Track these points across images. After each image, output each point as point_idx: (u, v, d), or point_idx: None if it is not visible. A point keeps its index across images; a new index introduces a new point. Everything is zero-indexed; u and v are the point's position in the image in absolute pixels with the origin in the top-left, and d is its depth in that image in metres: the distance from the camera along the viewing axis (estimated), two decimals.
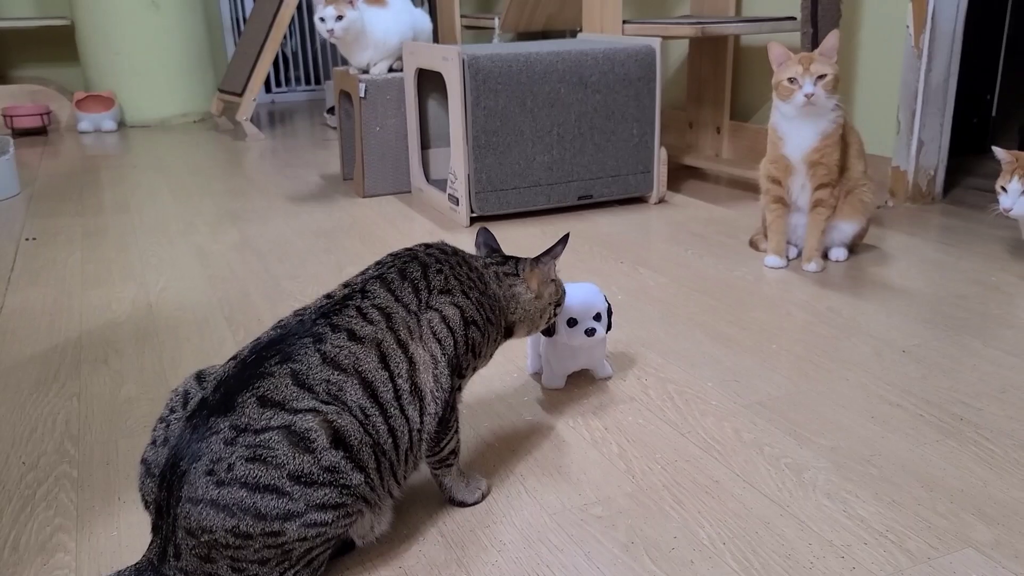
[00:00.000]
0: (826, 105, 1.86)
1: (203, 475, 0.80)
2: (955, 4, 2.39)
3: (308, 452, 0.83)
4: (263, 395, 0.84)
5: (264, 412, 0.83)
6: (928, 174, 2.54)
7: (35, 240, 2.39)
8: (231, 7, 5.26)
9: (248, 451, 0.81)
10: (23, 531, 1.08)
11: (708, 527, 1.05)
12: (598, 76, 2.44)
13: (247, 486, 0.80)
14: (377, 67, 2.83)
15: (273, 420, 0.83)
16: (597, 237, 2.30)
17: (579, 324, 1.34)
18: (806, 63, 1.84)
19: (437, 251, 1.06)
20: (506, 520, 1.08)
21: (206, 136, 4.19)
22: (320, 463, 0.84)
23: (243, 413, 0.82)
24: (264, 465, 0.81)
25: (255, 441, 0.81)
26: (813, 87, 1.84)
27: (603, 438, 1.27)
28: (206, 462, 0.81)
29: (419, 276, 1.00)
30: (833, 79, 1.84)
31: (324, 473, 0.84)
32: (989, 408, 1.32)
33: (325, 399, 0.86)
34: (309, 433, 0.84)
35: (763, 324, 1.68)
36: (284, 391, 0.85)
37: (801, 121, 1.90)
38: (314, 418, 0.84)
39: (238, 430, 0.82)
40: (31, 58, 4.81)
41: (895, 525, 1.04)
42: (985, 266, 1.98)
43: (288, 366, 0.87)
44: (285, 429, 0.83)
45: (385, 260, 1.04)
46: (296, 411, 0.84)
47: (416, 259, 1.03)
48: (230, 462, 0.80)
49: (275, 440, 0.82)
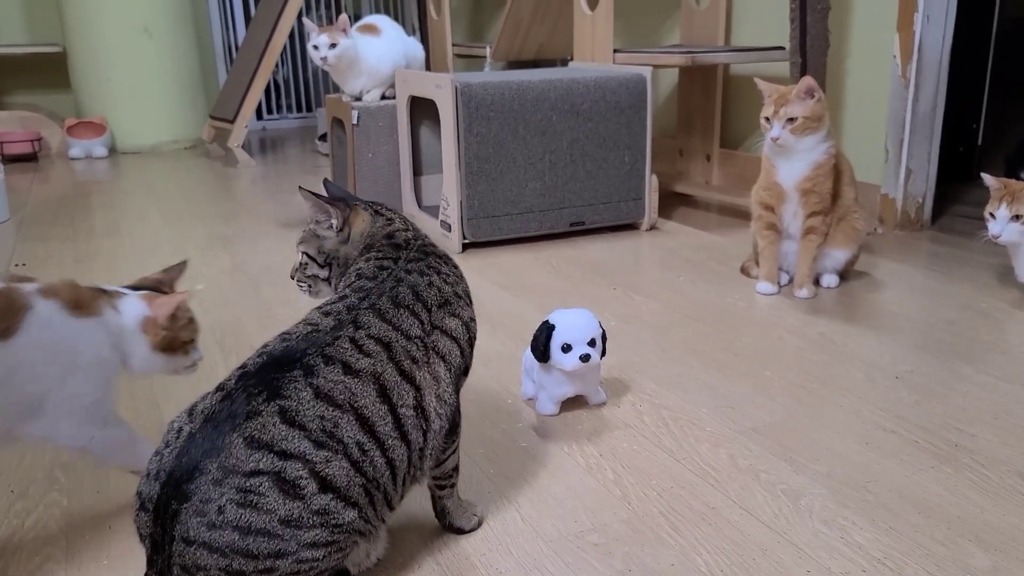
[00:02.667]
0: (795, 146, 1.89)
1: (193, 516, 0.80)
2: (941, 34, 2.43)
3: (298, 499, 0.82)
4: (250, 436, 0.82)
5: (252, 454, 0.81)
6: (916, 201, 2.57)
7: (24, 266, 2.37)
8: (223, 34, 5.29)
9: (238, 495, 0.80)
10: (12, 560, 1.06)
11: (705, 554, 1.04)
12: (589, 104, 2.46)
13: (239, 529, 0.80)
14: (370, 94, 2.84)
15: (262, 463, 0.81)
16: (589, 263, 2.30)
17: (574, 350, 1.34)
18: (779, 105, 1.87)
19: (415, 255, 1.04)
20: (502, 548, 1.07)
21: (197, 162, 4.19)
22: (310, 508, 0.83)
23: (230, 454, 0.81)
24: (255, 510, 0.80)
25: (244, 485, 0.80)
26: (780, 130, 1.87)
27: (598, 464, 1.26)
28: (196, 503, 0.80)
29: (412, 299, 0.98)
30: (804, 121, 1.85)
31: (315, 516, 0.83)
32: (983, 434, 1.33)
33: (319, 437, 0.84)
34: (299, 481, 0.82)
35: (756, 350, 1.69)
36: (272, 431, 0.83)
37: (792, 152, 1.92)
38: (303, 467, 0.82)
39: (226, 471, 0.80)
40: (22, 84, 4.81)
41: (893, 552, 1.04)
42: (975, 292, 2.00)
43: (276, 403, 0.84)
44: (275, 475, 0.81)
45: (364, 285, 0.98)
46: (286, 455, 0.82)
47: (402, 282, 0.99)
48: (220, 504, 0.80)
49: (265, 487, 0.81)
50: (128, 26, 4.27)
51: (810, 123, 1.86)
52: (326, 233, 1.09)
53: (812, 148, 1.90)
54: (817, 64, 2.40)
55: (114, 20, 4.26)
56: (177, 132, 4.56)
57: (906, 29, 2.40)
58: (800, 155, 1.91)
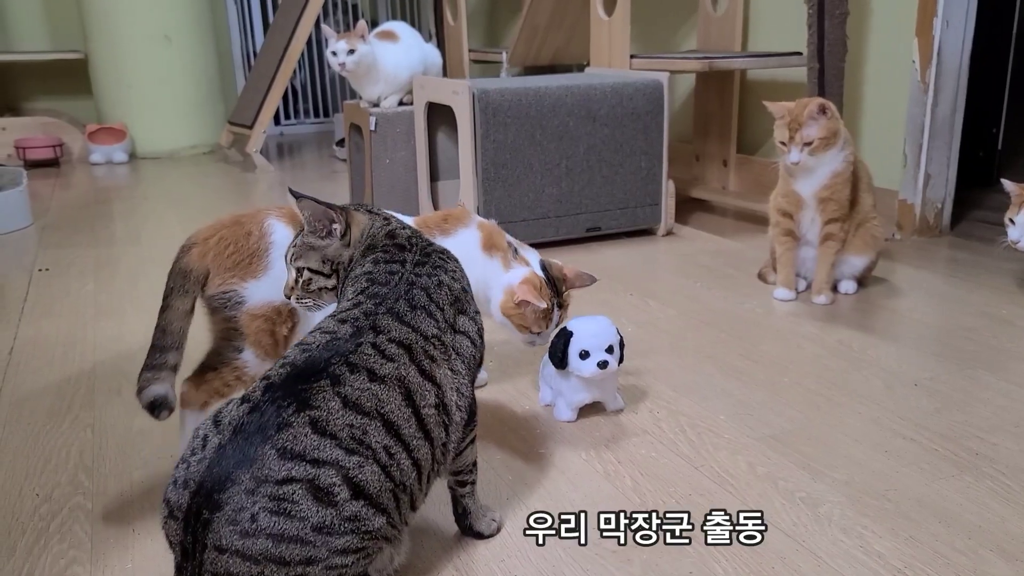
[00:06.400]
0: (814, 166, 1.89)
1: (226, 524, 0.81)
2: (961, 39, 2.42)
3: (331, 506, 0.83)
4: (283, 447, 0.83)
5: (284, 464, 0.82)
6: (935, 207, 2.55)
7: (48, 271, 2.40)
8: (242, 40, 5.33)
9: (272, 503, 0.81)
10: (37, 564, 1.08)
11: (724, 562, 1.04)
12: (606, 110, 2.47)
13: (272, 537, 0.81)
14: (387, 100, 2.86)
15: (294, 471, 0.82)
16: (606, 269, 2.30)
17: (591, 356, 1.34)
18: (793, 129, 1.86)
19: (420, 257, 1.04)
20: (520, 554, 1.07)
21: (215, 168, 4.22)
22: (342, 515, 0.84)
23: (263, 465, 0.82)
24: (288, 518, 0.81)
25: (278, 493, 0.81)
26: (799, 155, 1.86)
27: (616, 471, 1.27)
28: (229, 512, 0.81)
29: (427, 301, 0.99)
30: (821, 141, 1.85)
31: (346, 523, 0.84)
32: (1004, 443, 1.32)
33: (349, 445, 0.85)
34: (332, 488, 0.83)
35: (774, 357, 1.68)
36: (304, 441, 0.84)
37: (812, 170, 1.91)
38: (336, 474, 0.84)
39: (259, 481, 0.81)
40: (44, 90, 4.87)
41: (913, 561, 1.03)
42: (994, 299, 1.99)
43: (306, 414, 0.85)
44: (308, 483, 0.82)
45: (379, 291, 0.98)
46: (319, 463, 0.84)
47: (415, 285, 1.00)
48: (253, 512, 0.81)
49: (298, 495, 0.82)
50: (149, 33, 4.32)
51: (828, 141, 1.86)
52: (324, 241, 1.06)
53: (830, 159, 1.89)
54: (835, 69, 2.39)
55: (135, 27, 4.30)
56: (196, 137, 4.60)
57: (925, 34, 2.39)
58: (819, 164, 1.90)
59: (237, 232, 1.22)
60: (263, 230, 1.23)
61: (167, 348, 1.21)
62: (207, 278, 1.21)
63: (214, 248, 1.20)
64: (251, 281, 1.21)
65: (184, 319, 1.21)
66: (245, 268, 1.21)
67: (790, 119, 1.87)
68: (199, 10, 4.50)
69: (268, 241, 1.22)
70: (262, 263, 1.21)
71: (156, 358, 1.21)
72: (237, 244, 1.21)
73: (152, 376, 1.20)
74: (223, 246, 1.21)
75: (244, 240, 1.21)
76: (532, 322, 1.34)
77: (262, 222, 1.23)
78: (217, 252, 1.20)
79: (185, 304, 1.21)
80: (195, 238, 1.23)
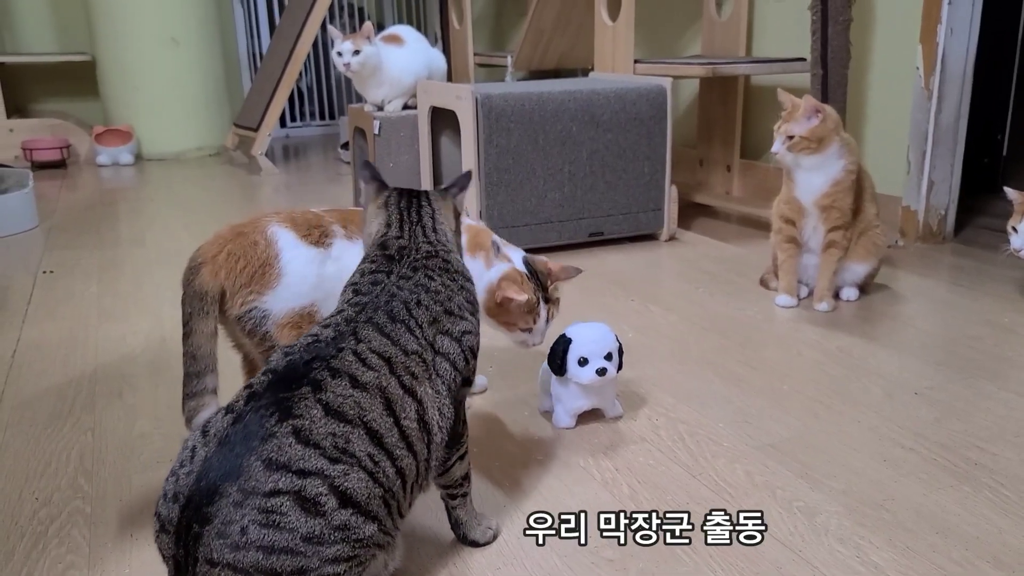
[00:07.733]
0: (793, 164, 1.90)
1: (216, 538, 0.81)
2: (965, 45, 2.42)
3: (319, 516, 0.83)
4: (268, 458, 0.83)
5: (271, 476, 0.82)
6: (939, 214, 2.55)
7: (52, 273, 2.41)
8: (248, 43, 5.35)
9: (261, 515, 0.81)
10: (35, 568, 1.08)
11: (720, 571, 1.04)
12: (610, 115, 2.47)
13: (263, 549, 0.81)
14: (391, 104, 2.87)
15: (281, 483, 0.82)
16: (608, 274, 2.31)
17: (590, 363, 1.34)
18: (786, 120, 1.88)
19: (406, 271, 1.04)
20: (516, 562, 1.07)
21: (221, 170, 4.24)
22: (331, 524, 0.84)
23: (250, 477, 0.82)
24: (278, 530, 0.81)
25: (266, 505, 0.82)
26: (779, 146, 1.88)
27: (614, 479, 1.27)
28: (218, 525, 0.81)
29: (406, 315, 0.98)
30: (801, 141, 1.85)
31: (335, 532, 0.84)
32: (1004, 453, 1.31)
33: (332, 455, 0.85)
34: (319, 498, 0.83)
35: (774, 364, 1.68)
36: (288, 451, 0.84)
37: (795, 167, 1.91)
38: (322, 484, 0.84)
39: (246, 493, 0.82)
40: (51, 92, 4.89)
41: (910, 572, 1.03)
42: (997, 307, 1.98)
43: (289, 423, 0.85)
44: (295, 494, 0.83)
45: (360, 300, 1.00)
46: (304, 473, 0.84)
47: (395, 297, 1.00)
48: (242, 525, 0.81)
49: (286, 506, 0.82)
50: (156, 36, 4.34)
51: (808, 143, 1.85)
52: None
53: (824, 165, 1.88)
54: (838, 76, 2.39)
55: (142, 30, 4.32)
56: (202, 139, 4.62)
57: (929, 41, 2.39)
58: (817, 171, 1.90)
59: (243, 243, 1.22)
60: (268, 238, 1.23)
61: (202, 373, 1.19)
62: (224, 296, 1.20)
63: (224, 264, 1.20)
64: (269, 293, 1.21)
65: (210, 340, 1.20)
66: (260, 280, 1.21)
67: (791, 111, 1.89)
68: (206, 12, 4.52)
69: (276, 248, 1.22)
70: (274, 271, 1.21)
71: (195, 385, 1.19)
72: (247, 256, 1.20)
73: (197, 404, 1.19)
74: (233, 260, 1.20)
75: (252, 250, 1.21)
76: (518, 317, 1.34)
77: (265, 230, 1.23)
78: (229, 268, 1.20)
79: (208, 326, 1.20)
80: (202, 256, 1.21)
